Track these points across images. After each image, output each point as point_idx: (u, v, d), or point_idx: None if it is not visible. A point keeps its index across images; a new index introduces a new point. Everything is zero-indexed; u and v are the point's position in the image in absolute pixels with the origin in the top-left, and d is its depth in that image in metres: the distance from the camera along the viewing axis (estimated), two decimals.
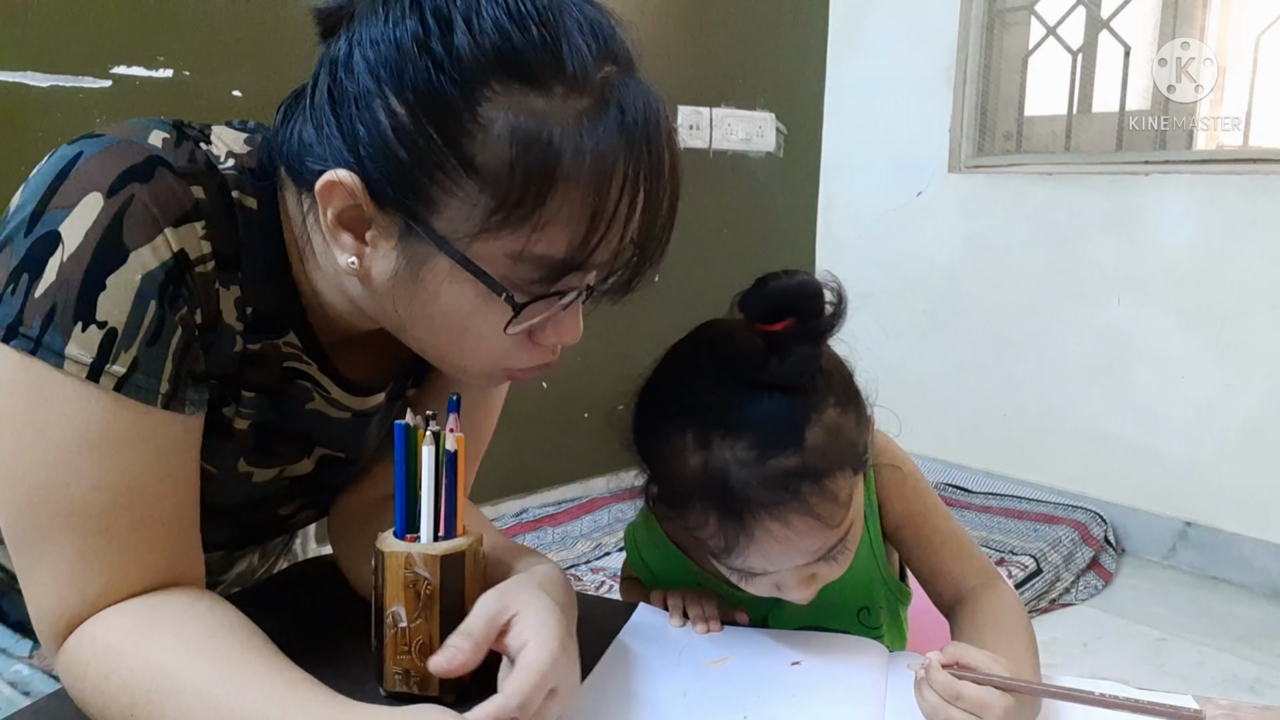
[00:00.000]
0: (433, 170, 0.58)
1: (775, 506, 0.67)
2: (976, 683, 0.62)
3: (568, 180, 0.58)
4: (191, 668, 0.58)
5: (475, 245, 0.59)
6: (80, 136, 0.63)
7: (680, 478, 0.70)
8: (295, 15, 2.06)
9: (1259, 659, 2.08)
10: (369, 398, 0.78)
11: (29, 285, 0.59)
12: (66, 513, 0.60)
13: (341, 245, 0.62)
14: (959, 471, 2.91)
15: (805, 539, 0.69)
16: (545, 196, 0.57)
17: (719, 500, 0.68)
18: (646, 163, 0.60)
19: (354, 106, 0.59)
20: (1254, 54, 2.53)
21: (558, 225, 0.59)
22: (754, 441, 0.67)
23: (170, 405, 0.62)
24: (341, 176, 0.59)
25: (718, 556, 0.72)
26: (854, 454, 0.71)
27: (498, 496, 2.63)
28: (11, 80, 1.76)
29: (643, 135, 0.59)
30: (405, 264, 0.61)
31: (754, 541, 0.69)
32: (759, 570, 0.72)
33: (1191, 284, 2.51)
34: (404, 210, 0.60)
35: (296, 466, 0.77)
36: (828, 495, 0.68)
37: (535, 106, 0.57)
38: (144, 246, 0.60)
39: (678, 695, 0.68)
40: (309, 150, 0.62)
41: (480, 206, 0.58)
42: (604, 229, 0.59)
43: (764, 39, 3.05)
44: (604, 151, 0.58)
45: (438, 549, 0.64)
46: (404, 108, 0.57)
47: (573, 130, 0.57)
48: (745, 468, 0.67)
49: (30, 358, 0.58)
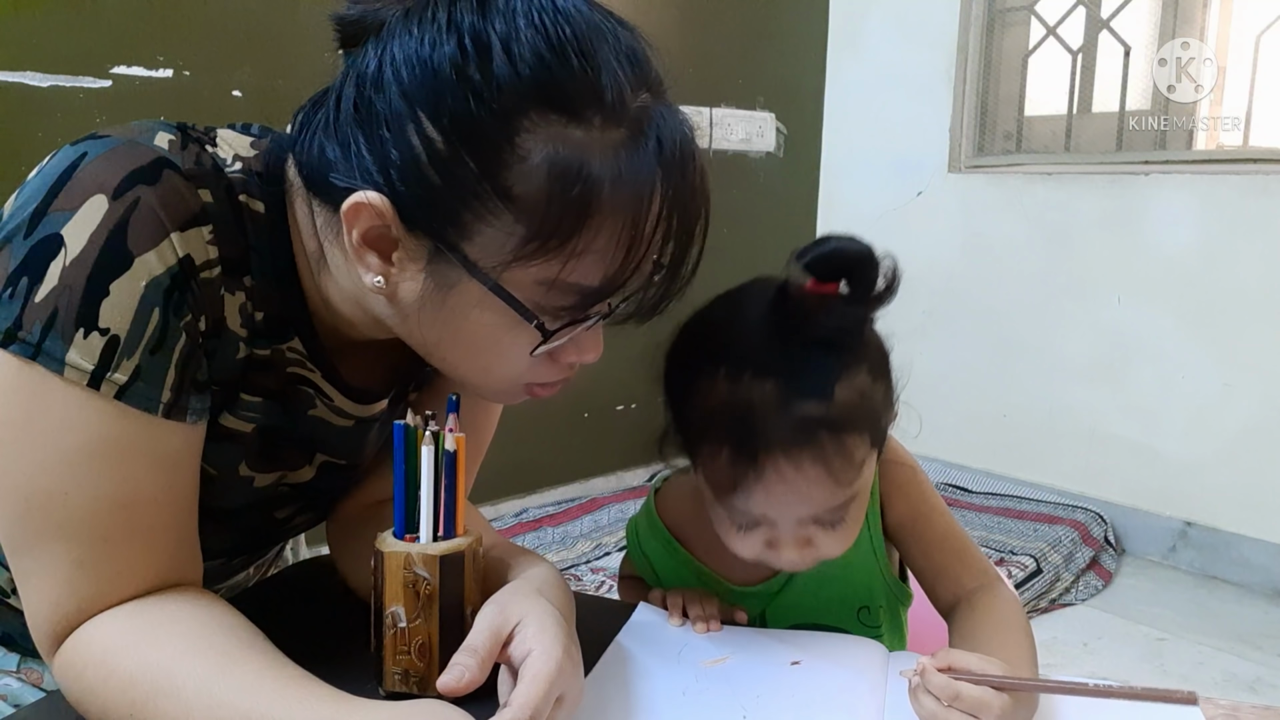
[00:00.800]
0: (468, 198, 0.57)
1: (792, 448, 0.68)
2: (973, 683, 0.62)
3: (604, 212, 0.57)
4: (192, 666, 0.57)
5: (508, 273, 0.59)
6: (84, 137, 0.62)
7: (702, 410, 0.71)
8: (296, 15, 2.06)
9: (1259, 659, 2.08)
10: (372, 405, 0.77)
11: (29, 289, 0.57)
12: (64, 521, 0.59)
13: (367, 265, 0.61)
14: (959, 471, 2.91)
15: (813, 488, 0.69)
16: (581, 228, 0.57)
17: (737, 434, 0.68)
18: (681, 191, 0.60)
19: (385, 128, 0.58)
20: (1254, 54, 2.53)
21: (592, 255, 0.58)
22: (783, 385, 0.68)
23: (171, 414, 0.61)
24: (371, 199, 0.58)
25: (721, 496, 0.72)
26: (875, 423, 0.72)
27: (498, 496, 2.63)
28: (11, 80, 1.76)
29: (679, 165, 0.60)
30: (433, 287, 0.61)
31: (763, 480, 0.69)
32: (759, 515, 0.72)
33: (1191, 284, 2.51)
34: (434, 236, 0.59)
35: (298, 473, 0.77)
36: (844, 451, 0.69)
37: (573, 138, 0.57)
38: (149, 252, 0.59)
39: (677, 695, 0.68)
40: (332, 166, 0.61)
41: (515, 236, 0.58)
42: (638, 258, 0.59)
43: (764, 39, 3.05)
44: (641, 183, 0.58)
45: (437, 549, 0.64)
46: (439, 134, 0.57)
47: (611, 162, 0.57)
48: (770, 406, 0.68)
49: (30, 363, 0.57)
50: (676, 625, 0.79)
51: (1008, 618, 0.76)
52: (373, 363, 0.77)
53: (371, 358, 0.76)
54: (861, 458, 0.71)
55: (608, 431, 2.88)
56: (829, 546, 0.75)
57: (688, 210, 0.61)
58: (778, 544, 0.74)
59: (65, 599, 0.60)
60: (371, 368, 0.77)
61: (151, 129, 0.63)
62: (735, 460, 0.69)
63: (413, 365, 0.80)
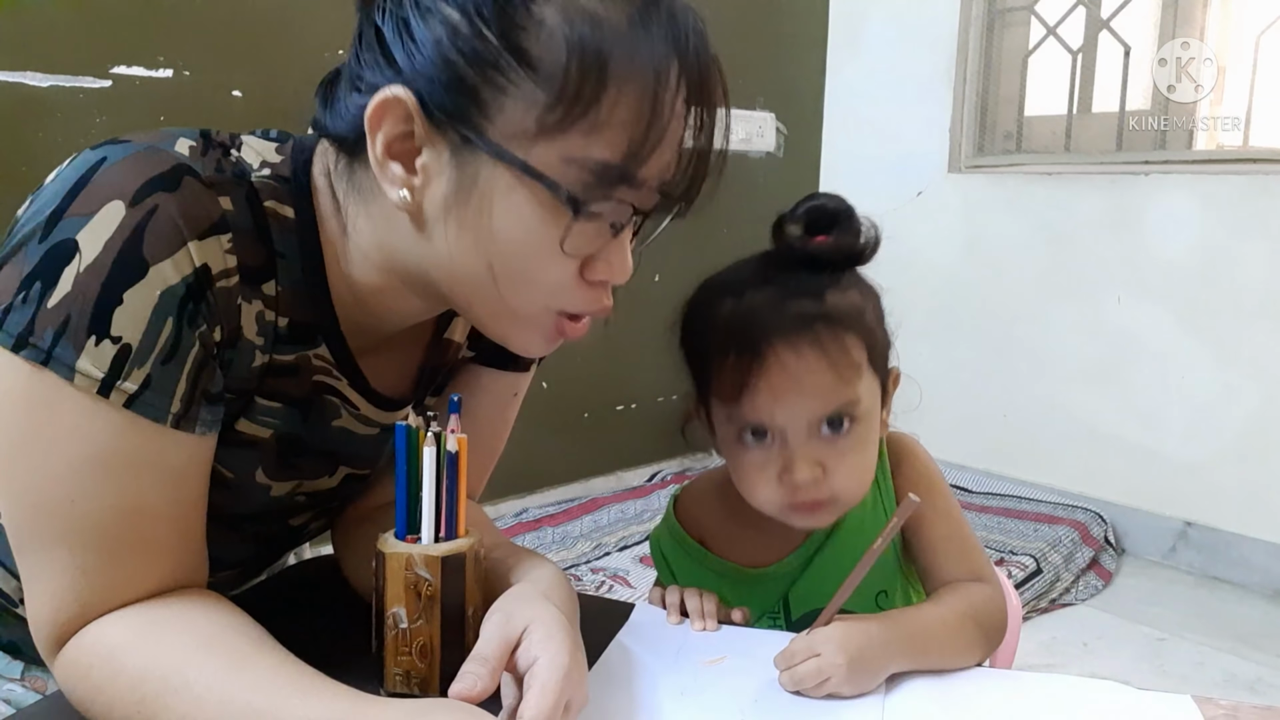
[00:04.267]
0: (488, 70, 0.58)
1: (790, 334, 0.74)
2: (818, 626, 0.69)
3: (621, 79, 0.58)
4: (203, 664, 0.57)
5: (533, 151, 0.59)
6: (104, 141, 0.61)
7: (709, 330, 0.77)
8: (296, 15, 2.06)
9: (1259, 659, 2.08)
10: (397, 412, 0.77)
11: (41, 294, 0.57)
12: (69, 528, 0.59)
13: (392, 179, 0.61)
14: (959, 471, 2.91)
15: (815, 377, 0.74)
16: (600, 94, 0.58)
17: (740, 334, 0.74)
18: (695, 72, 0.61)
19: (405, 28, 0.59)
20: (1254, 54, 2.53)
21: (613, 127, 0.59)
22: (780, 290, 0.76)
23: (181, 425, 0.61)
24: (396, 92, 0.58)
25: (730, 405, 0.76)
26: (870, 333, 0.77)
27: (498, 496, 2.63)
28: (11, 80, 1.76)
29: (691, 46, 0.60)
30: (458, 186, 0.61)
31: (765, 372, 0.73)
32: (766, 419, 0.75)
33: (1191, 284, 2.51)
34: (458, 120, 0.59)
35: (316, 483, 0.77)
36: (840, 343, 0.74)
37: (588, 6, 0.58)
38: (165, 260, 0.58)
39: (676, 695, 0.68)
40: (355, 90, 0.62)
41: (537, 105, 0.58)
42: (659, 134, 0.60)
43: (764, 39, 3.05)
44: (656, 53, 0.59)
45: (439, 550, 0.64)
46: (459, 13, 0.58)
47: (625, 30, 0.58)
48: (768, 306, 0.75)
49: (40, 369, 0.57)
50: (674, 623, 0.79)
51: (943, 597, 0.79)
52: (398, 368, 0.77)
53: (397, 361, 0.76)
54: (858, 358, 0.75)
55: (608, 431, 2.88)
56: (842, 477, 0.76)
57: (705, 87, 0.62)
58: (791, 466, 0.75)
59: (68, 603, 0.60)
60: (396, 374, 0.77)
61: (173, 135, 0.63)
62: (740, 359, 0.74)
63: (435, 367, 0.80)
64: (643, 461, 2.98)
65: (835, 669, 0.67)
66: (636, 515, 2.66)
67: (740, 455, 0.78)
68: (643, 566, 2.36)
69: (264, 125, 0.72)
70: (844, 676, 0.67)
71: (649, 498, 2.78)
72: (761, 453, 0.77)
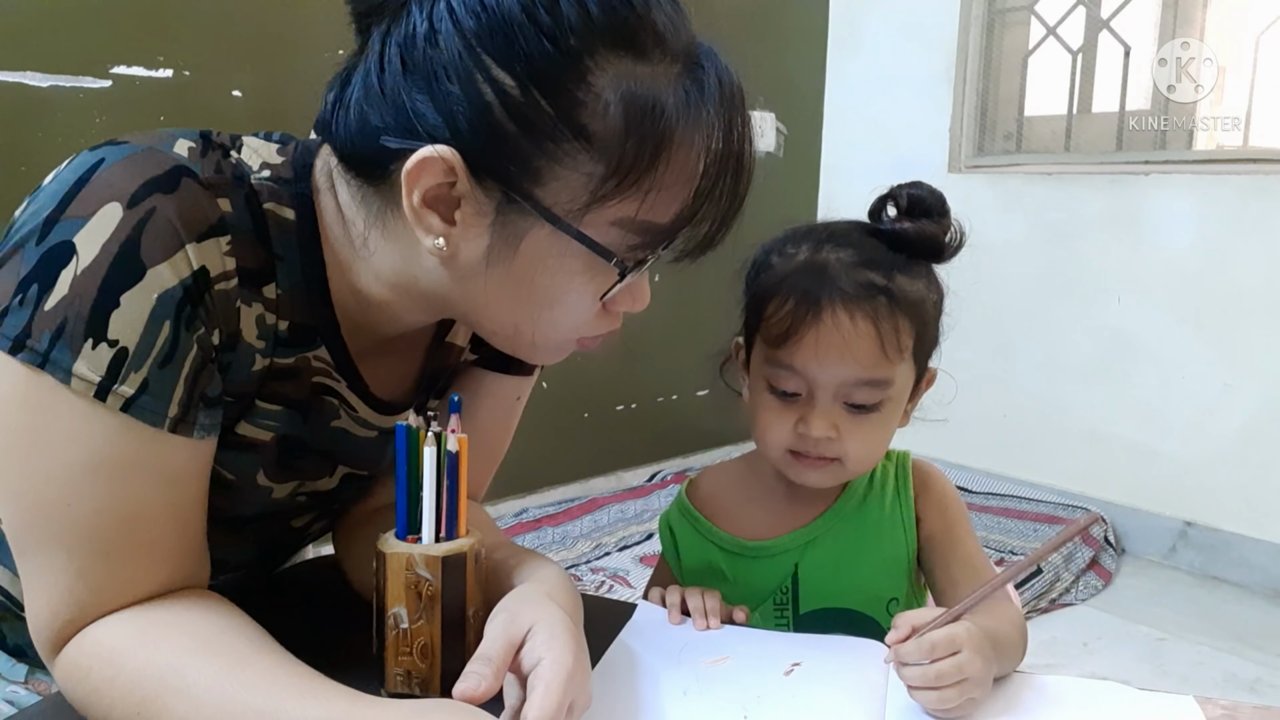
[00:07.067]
0: (543, 142, 0.57)
1: (852, 299, 0.77)
2: (936, 627, 0.65)
3: (675, 147, 0.58)
4: (203, 664, 0.57)
5: (585, 218, 0.59)
6: (103, 143, 0.61)
7: (779, 270, 0.81)
8: (296, 15, 2.06)
9: (1259, 659, 2.08)
10: (396, 417, 0.76)
11: (38, 297, 0.57)
12: (66, 532, 0.59)
13: (428, 228, 0.60)
14: (959, 471, 2.91)
15: (860, 344, 0.77)
16: (657, 162, 0.58)
17: (807, 282, 0.78)
18: (739, 133, 0.61)
19: (448, 80, 0.57)
20: (1254, 54, 2.53)
21: (664, 191, 0.59)
22: (858, 255, 0.79)
23: (178, 429, 0.60)
24: (442, 152, 0.57)
25: (775, 346, 0.79)
26: (923, 324, 0.81)
27: (498, 496, 2.63)
28: (11, 80, 1.76)
29: (739, 101, 0.61)
30: (501, 241, 0.60)
31: (819, 326, 0.77)
32: (801, 368, 0.78)
33: (1191, 284, 2.51)
34: (508, 184, 0.58)
35: (317, 483, 0.77)
36: (894, 323, 0.78)
37: (642, 73, 0.58)
38: (162, 263, 0.58)
39: (678, 695, 0.68)
40: (381, 131, 0.59)
41: (594, 176, 0.58)
42: (707, 192, 0.60)
43: (764, 39, 3.05)
44: (708, 121, 0.59)
45: (439, 550, 0.64)
46: (512, 79, 0.56)
47: (680, 95, 0.59)
48: (843, 264, 0.79)
49: (37, 372, 0.57)
50: (675, 623, 0.79)
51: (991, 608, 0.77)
52: (398, 371, 0.76)
53: (397, 364, 0.76)
54: (905, 344, 0.79)
55: (608, 431, 2.88)
56: (854, 442, 0.80)
57: (745, 144, 0.62)
58: (809, 418, 0.79)
59: (66, 605, 0.60)
60: (397, 377, 0.76)
61: (173, 136, 0.62)
62: (799, 305, 0.77)
63: (436, 371, 0.80)
64: (643, 461, 2.98)
65: (975, 669, 0.65)
66: (636, 515, 2.66)
67: (764, 400, 0.82)
68: (643, 566, 2.36)
69: (264, 126, 0.72)
70: (981, 678, 0.65)
71: (649, 498, 2.78)
72: (785, 403, 0.80)
